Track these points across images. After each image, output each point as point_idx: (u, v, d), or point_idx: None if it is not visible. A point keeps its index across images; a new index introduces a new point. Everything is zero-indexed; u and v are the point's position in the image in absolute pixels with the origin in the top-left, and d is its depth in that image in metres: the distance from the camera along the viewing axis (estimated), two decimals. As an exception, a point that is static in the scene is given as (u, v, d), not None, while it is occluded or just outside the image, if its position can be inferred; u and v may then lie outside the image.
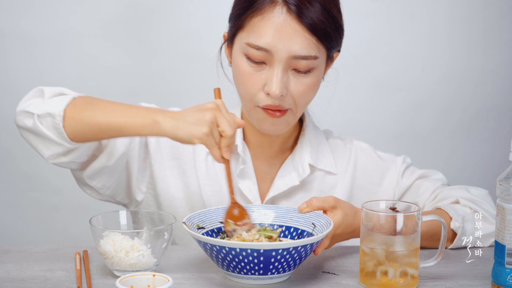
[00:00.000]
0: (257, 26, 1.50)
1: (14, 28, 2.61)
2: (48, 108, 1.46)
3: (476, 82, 2.75)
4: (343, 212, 1.46)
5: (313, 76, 1.53)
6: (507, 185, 1.31)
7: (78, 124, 1.45)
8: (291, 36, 1.48)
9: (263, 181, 1.66)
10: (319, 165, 1.66)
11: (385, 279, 1.34)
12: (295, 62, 1.50)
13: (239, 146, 1.62)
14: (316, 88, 1.56)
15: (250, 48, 1.50)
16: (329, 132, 1.74)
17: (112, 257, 1.37)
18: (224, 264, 1.34)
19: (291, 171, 1.65)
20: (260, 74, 1.51)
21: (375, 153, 1.71)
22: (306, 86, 1.52)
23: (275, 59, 1.49)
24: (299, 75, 1.52)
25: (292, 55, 1.48)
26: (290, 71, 1.51)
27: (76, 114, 1.45)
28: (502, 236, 1.32)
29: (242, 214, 1.46)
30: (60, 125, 1.44)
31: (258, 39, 1.49)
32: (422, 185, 1.68)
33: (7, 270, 1.42)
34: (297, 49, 1.48)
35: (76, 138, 1.46)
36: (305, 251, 1.34)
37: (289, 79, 1.51)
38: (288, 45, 1.48)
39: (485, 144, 2.78)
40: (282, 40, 1.48)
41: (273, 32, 1.48)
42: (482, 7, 2.71)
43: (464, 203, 1.60)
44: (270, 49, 1.48)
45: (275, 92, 1.49)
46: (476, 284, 1.38)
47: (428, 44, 2.72)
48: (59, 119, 1.44)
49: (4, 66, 2.64)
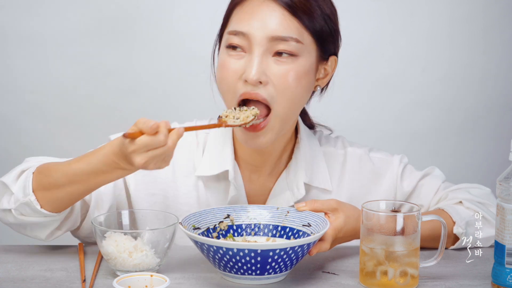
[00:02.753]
0: (237, 15, 1.46)
1: (14, 28, 2.61)
2: (18, 198, 1.41)
3: (476, 81, 2.75)
4: (345, 215, 1.45)
5: (297, 64, 1.44)
6: (507, 185, 1.31)
7: (53, 200, 1.40)
8: (268, 15, 1.42)
9: (256, 200, 1.60)
10: (314, 182, 1.59)
11: (385, 279, 1.34)
12: (275, 45, 1.43)
13: (230, 171, 1.55)
14: (303, 83, 1.46)
15: (230, 36, 1.45)
16: (320, 135, 1.67)
17: (116, 258, 1.37)
18: (221, 264, 1.34)
19: (284, 190, 1.58)
20: (240, 63, 1.44)
21: (370, 159, 1.64)
22: (288, 75, 1.43)
23: (253, 43, 1.42)
24: (280, 59, 1.43)
25: (271, 35, 1.42)
26: (271, 57, 1.44)
27: (46, 193, 1.40)
28: (502, 236, 1.32)
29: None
30: (38, 208, 1.40)
31: (237, 25, 1.45)
32: (423, 187, 1.65)
33: (7, 270, 1.42)
34: (275, 28, 1.42)
35: (59, 209, 1.42)
36: (302, 251, 1.34)
37: (269, 66, 1.43)
38: (265, 25, 1.42)
39: (486, 144, 2.78)
40: (259, 21, 1.42)
41: (251, 16, 1.43)
42: (483, 6, 2.71)
43: (467, 206, 1.57)
44: (247, 32, 1.43)
45: (252, 77, 1.41)
46: (476, 284, 1.38)
47: (429, 43, 2.72)
48: (35, 204, 1.40)
49: (4, 66, 2.64)
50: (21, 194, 1.42)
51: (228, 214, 1.49)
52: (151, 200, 1.59)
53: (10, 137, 2.64)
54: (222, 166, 1.56)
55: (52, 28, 2.62)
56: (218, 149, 1.57)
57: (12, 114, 2.64)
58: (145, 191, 1.59)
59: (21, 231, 1.48)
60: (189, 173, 1.59)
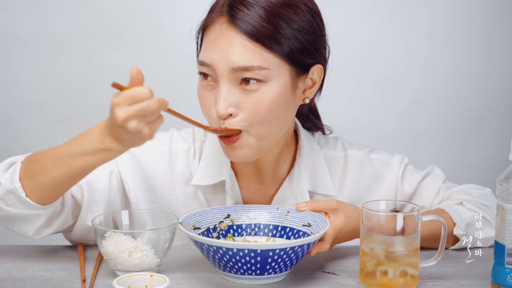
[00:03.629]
0: (204, 43, 1.42)
1: (14, 28, 2.61)
2: (4, 187, 1.38)
3: (477, 81, 2.75)
4: (345, 215, 1.44)
5: (266, 90, 1.38)
6: (507, 185, 1.31)
7: (39, 188, 1.36)
8: (228, 45, 1.37)
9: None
10: (318, 189, 1.56)
11: (385, 279, 1.34)
12: (240, 75, 1.37)
13: (227, 181, 1.53)
14: (276, 106, 1.40)
15: (200, 66, 1.42)
16: (319, 136, 1.64)
17: (116, 258, 1.37)
18: (221, 264, 1.34)
19: (288, 197, 1.55)
20: (212, 94, 1.41)
21: (370, 160, 1.62)
22: (258, 103, 1.38)
23: (218, 74, 1.38)
24: (248, 87, 1.38)
25: (232, 67, 1.37)
26: (238, 86, 1.39)
27: (33, 181, 1.36)
28: (502, 236, 1.32)
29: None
30: (23, 197, 1.36)
31: (202, 54, 1.41)
32: (424, 188, 1.64)
33: (7, 270, 1.42)
34: (235, 59, 1.36)
35: (45, 200, 1.38)
36: (302, 251, 1.34)
37: (237, 96, 1.39)
38: (226, 56, 1.37)
39: (486, 143, 2.78)
40: (220, 52, 1.37)
41: (214, 46, 1.38)
42: (483, 6, 2.71)
43: (468, 207, 1.56)
44: (211, 63, 1.38)
45: (220, 112, 1.37)
46: (476, 284, 1.38)
47: (429, 43, 2.72)
48: (20, 192, 1.36)
49: (4, 66, 2.64)
50: (8, 183, 1.38)
51: (228, 214, 1.49)
52: (150, 207, 1.57)
53: (10, 137, 2.64)
54: (218, 176, 1.54)
55: (52, 28, 2.61)
56: (214, 157, 1.55)
57: (12, 114, 2.64)
58: (144, 198, 1.57)
59: (9, 226, 1.44)
60: (186, 181, 1.57)
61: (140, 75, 1.23)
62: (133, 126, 1.21)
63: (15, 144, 2.64)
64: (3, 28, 2.61)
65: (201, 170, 1.55)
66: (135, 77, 1.22)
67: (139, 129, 1.22)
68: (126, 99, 1.21)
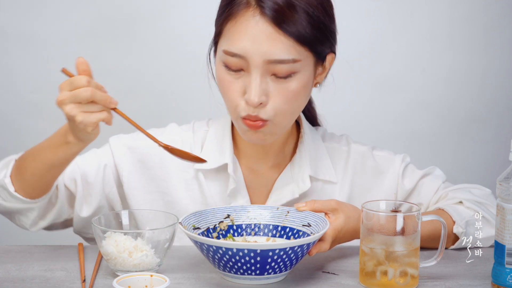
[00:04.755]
0: (232, 32, 1.44)
1: (14, 28, 2.61)
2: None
3: (477, 82, 2.75)
4: (345, 215, 1.45)
5: (295, 81, 1.44)
6: (507, 185, 1.31)
7: (22, 182, 1.46)
8: (265, 39, 1.41)
9: (258, 195, 1.61)
10: (319, 175, 1.60)
11: (385, 279, 1.34)
12: (272, 67, 1.42)
13: (230, 164, 1.57)
14: (302, 94, 1.47)
15: (227, 56, 1.44)
16: (324, 131, 1.69)
17: (116, 258, 1.37)
18: (221, 264, 1.34)
19: (289, 182, 1.59)
20: (240, 82, 1.45)
21: (373, 156, 1.66)
22: (288, 92, 1.44)
23: (251, 65, 1.42)
24: (279, 80, 1.44)
25: (268, 59, 1.41)
26: (269, 76, 1.44)
27: (18, 175, 1.46)
28: (502, 236, 1.32)
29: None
30: (12, 192, 1.46)
31: (232, 46, 1.43)
32: (423, 186, 1.66)
33: (7, 270, 1.42)
34: (272, 52, 1.41)
35: (31, 194, 1.47)
36: (302, 251, 1.34)
37: (268, 85, 1.44)
38: (263, 49, 1.41)
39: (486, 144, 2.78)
40: (256, 44, 1.41)
41: (246, 37, 1.41)
42: (483, 6, 2.70)
43: (468, 205, 1.58)
44: (245, 54, 1.42)
45: (253, 100, 1.42)
46: (476, 284, 1.38)
47: (429, 43, 2.72)
48: (9, 186, 1.46)
49: (4, 66, 2.64)
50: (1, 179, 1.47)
51: (228, 214, 1.49)
52: (149, 198, 1.60)
53: (10, 137, 2.64)
54: (221, 160, 1.58)
55: (52, 28, 2.61)
56: (217, 143, 1.60)
57: (12, 114, 2.64)
58: (143, 190, 1.60)
59: (10, 219, 1.54)
60: (187, 168, 1.60)
61: (85, 65, 1.34)
62: (67, 110, 1.31)
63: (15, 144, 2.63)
64: (3, 28, 2.60)
65: (205, 155, 1.59)
66: (79, 67, 1.34)
67: (72, 114, 1.31)
68: (67, 85, 1.32)
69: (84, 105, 1.31)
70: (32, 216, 1.50)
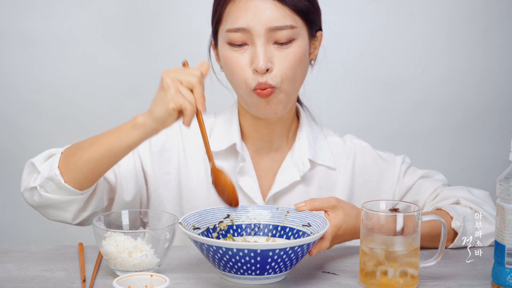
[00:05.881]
0: (233, 11, 1.56)
1: (14, 28, 2.61)
2: (44, 174, 1.49)
3: (476, 82, 2.75)
4: (344, 213, 1.45)
5: (295, 47, 1.56)
6: (507, 185, 1.31)
7: (75, 171, 1.47)
8: (263, 10, 1.54)
9: (264, 177, 1.67)
10: (318, 159, 1.67)
11: (385, 279, 1.34)
12: (274, 34, 1.54)
13: (238, 144, 1.65)
14: (302, 61, 1.58)
15: (230, 34, 1.56)
16: (329, 129, 1.76)
17: (115, 258, 1.37)
18: (221, 264, 1.34)
19: (291, 167, 1.66)
20: (245, 56, 1.56)
21: (375, 151, 1.72)
22: (290, 58, 1.55)
23: (254, 35, 1.54)
24: (281, 46, 1.56)
25: (269, 27, 1.54)
26: (272, 45, 1.55)
27: (69, 164, 1.47)
28: (502, 236, 1.32)
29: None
30: (62, 182, 1.47)
31: (235, 22, 1.55)
32: (423, 185, 1.68)
33: (7, 270, 1.42)
34: (273, 21, 1.54)
35: (82, 185, 1.48)
36: (302, 251, 1.34)
37: (272, 53, 1.55)
38: (264, 19, 1.53)
39: (486, 144, 2.78)
40: (257, 16, 1.54)
41: (247, 11, 1.54)
42: (483, 7, 2.71)
43: (464, 204, 1.60)
44: (248, 27, 1.54)
45: (261, 66, 1.52)
46: (476, 284, 1.38)
47: (429, 44, 2.72)
48: (59, 178, 1.47)
49: (4, 66, 2.64)
50: (47, 171, 1.48)
51: (228, 214, 1.49)
52: (167, 178, 1.67)
53: (10, 137, 2.64)
54: (229, 141, 1.65)
55: (52, 28, 2.62)
56: (225, 127, 1.68)
57: (12, 114, 2.64)
58: (160, 171, 1.67)
59: (49, 213, 1.53)
60: (198, 148, 1.67)
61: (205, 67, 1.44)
62: (167, 80, 1.39)
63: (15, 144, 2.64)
64: (3, 28, 2.61)
65: (214, 139, 1.67)
66: (201, 66, 1.43)
67: (168, 84, 1.39)
68: (182, 69, 1.43)
69: (183, 87, 1.39)
70: (73, 209, 1.51)
